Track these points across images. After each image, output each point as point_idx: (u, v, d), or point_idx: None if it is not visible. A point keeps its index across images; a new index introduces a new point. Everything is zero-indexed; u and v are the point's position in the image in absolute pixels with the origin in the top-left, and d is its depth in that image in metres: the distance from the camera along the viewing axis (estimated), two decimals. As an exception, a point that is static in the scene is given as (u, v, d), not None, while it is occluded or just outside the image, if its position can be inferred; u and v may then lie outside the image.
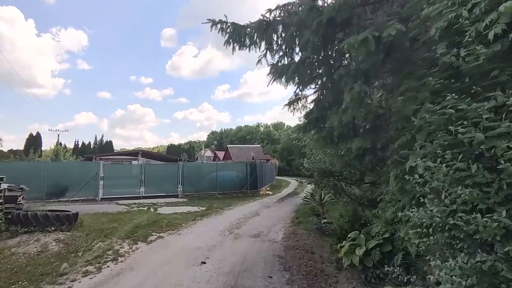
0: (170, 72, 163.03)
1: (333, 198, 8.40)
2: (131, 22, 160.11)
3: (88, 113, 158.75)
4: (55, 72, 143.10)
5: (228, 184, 20.88)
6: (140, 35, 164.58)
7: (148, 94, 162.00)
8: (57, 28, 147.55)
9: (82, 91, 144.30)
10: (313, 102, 4.91)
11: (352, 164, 5.07)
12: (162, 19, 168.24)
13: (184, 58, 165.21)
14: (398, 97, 3.66)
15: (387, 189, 5.03)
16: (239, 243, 8.05)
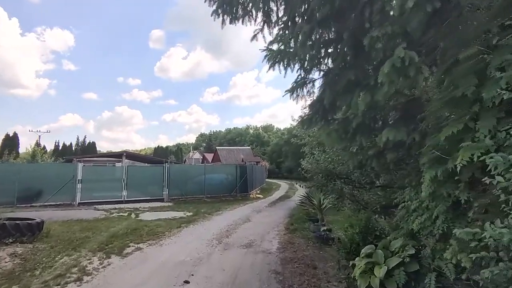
0: (159, 74, 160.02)
1: (335, 203, 7.47)
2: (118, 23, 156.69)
3: (73, 114, 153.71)
4: (40, 73, 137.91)
5: (217, 187, 19.79)
6: (128, 36, 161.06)
7: (136, 96, 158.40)
8: (42, 27, 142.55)
9: (67, 92, 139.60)
10: (321, 88, 3.97)
11: (367, 164, 4.15)
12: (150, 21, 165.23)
13: (173, 60, 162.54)
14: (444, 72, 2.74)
15: (411, 195, 4.13)
16: (229, 256, 7.04)
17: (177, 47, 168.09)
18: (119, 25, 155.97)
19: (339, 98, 3.38)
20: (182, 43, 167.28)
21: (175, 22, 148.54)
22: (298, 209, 14.26)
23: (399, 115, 3.31)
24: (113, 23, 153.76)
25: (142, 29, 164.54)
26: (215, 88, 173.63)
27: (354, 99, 2.99)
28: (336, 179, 5.94)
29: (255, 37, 4.15)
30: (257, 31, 4.14)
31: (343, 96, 3.35)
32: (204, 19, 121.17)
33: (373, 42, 2.38)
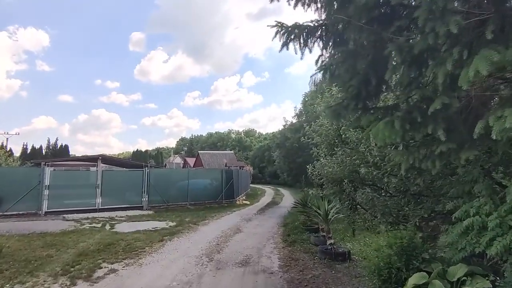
0: (139, 77, 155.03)
1: (347, 214, 6.44)
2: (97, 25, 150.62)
3: (47, 117, 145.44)
4: (11, 73, 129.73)
5: (201, 193, 18.40)
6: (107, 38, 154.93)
7: (115, 99, 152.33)
8: (15, 26, 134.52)
9: (41, 93, 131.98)
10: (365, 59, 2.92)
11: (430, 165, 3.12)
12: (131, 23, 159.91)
13: (154, 63, 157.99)
14: None
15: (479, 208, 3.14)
16: (224, 277, 5.84)
17: (158, 50, 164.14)
18: (98, 27, 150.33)
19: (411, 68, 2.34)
20: (163, 46, 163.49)
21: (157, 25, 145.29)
22: (291, 217, 13.23)
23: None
24: (91, 24, 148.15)
25: (122, 31, 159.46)
26: (197, 92, 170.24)
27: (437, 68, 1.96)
28: (364, 186, 4.91)
29: None
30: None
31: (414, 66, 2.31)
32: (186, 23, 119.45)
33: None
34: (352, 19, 2.67)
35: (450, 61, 2.04)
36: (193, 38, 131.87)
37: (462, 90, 2.12)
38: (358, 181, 4.94)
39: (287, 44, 3.87)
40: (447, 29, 1.99)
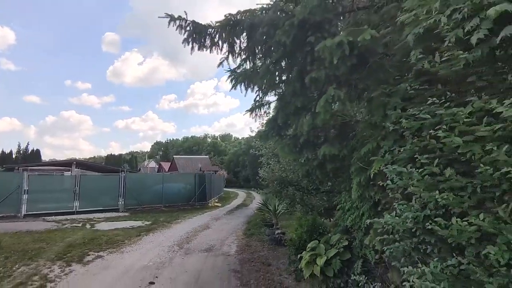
0: (112, 79, 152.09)
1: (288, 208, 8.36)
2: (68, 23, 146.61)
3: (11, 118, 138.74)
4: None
5: (175, 196, 19.78)
6: (78, 37, 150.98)
7: (85, 101, 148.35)
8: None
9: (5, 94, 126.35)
10: (275, 109, 4.79)
11: (313, 173, 5.03)
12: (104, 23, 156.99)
13: (128, 65, 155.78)
14: (366, 103, 3.69)
15: (346, 197, 5.09)
16: (191, 259, 7.49)
17: (132, 52, 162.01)
18: (69, 26, 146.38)
19: (290, 119, 4.21)
20: (138, 48, 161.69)
21: (131, 27, 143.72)
22: (255, 216, 14.99)
23: (336, 134, 4.22)
24: (61, 23, 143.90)
25: (94, 31, 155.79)
26: (173, 95, 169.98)
27: (301, 121, 3.81)
28: (288, 186, 6.81)
29: (221, 63, 4.85)
30: (223, 59, 4.84)
31: (293, 117, 4.18)
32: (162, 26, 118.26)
33: (312, 81, 3.22)
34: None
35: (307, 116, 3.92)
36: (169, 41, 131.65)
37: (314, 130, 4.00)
38: (286, 183, 6.83)
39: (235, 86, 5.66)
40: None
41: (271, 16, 3.55)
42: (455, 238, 2.29)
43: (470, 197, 2.27)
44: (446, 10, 2.19)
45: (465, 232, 2.19)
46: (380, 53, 3.00)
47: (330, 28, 3.43)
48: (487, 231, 2.11)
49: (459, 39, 2.07)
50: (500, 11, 1.74)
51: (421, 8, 2.44)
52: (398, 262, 3.20)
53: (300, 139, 4.22)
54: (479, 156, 2.07)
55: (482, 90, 2.09)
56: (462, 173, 2.35)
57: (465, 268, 2.30)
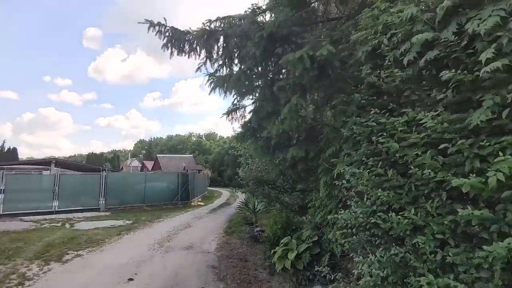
0: (93, 75, 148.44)
1: (266, 206, 8.69)
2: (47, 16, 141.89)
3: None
4: None
5: (157, 195, 19.76)
6: (58, 32, 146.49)
7: (66, 97, 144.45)
8: None
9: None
10: (251, 112, 5.08)
11: (286, 173, 5.35)
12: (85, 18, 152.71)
13: (110, 61, 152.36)
14: (329, 110, 4.04)
15: (316, 196, 5.44)
16: (171, 256, 7.68)
17: (115, 48, 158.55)
18: (48, 19, 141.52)
19: (263, 123, 4.51)
20: (122, 44, 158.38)
21: (115, 22, 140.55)
22: (237, 215, 15.25)
23: (304, 137, 4.56)
24: (40, 16, 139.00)
25: (75, 26, 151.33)
26: (157, 93, 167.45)
27: (271, 125, 4.12)
28: (264, 185, 7.13)
29: (199, 69, 5.09)
30: (201, 64, 5.08)
31: (265, 121, 4.49)
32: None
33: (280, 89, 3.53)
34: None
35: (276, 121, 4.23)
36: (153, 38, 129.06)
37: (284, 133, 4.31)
38: (262, 182, 7.16)
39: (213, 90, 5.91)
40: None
41: (244, 27, 3.84)
42: (395, 230, 2.64)
43: (407, 195, 2.63)
44: (388, 33, 2.53)
45: (401, 224, 2.54)
46: (338, 66, 3.34)
47: (297, 40, 3.73)
48: (418, 223, 2.47)
49: (396, 58, 2.41)
50: (422, 39, 2.08)
51: (370, 29, 2.78)
52: (356, 253, 3.57)
53: (271, 142, 4.53)
54: (412, 159, 2.42)
55: (415, 103, 2.44)
56: (401, 173, 2.70)
57: (403, 256, 2.66)
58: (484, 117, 1.89)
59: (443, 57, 2.11)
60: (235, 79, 4.04)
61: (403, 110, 2.50)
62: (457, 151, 2.10)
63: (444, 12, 2.08)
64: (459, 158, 2.12)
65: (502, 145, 1.86)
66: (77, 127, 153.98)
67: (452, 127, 2.11)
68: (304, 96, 3.55)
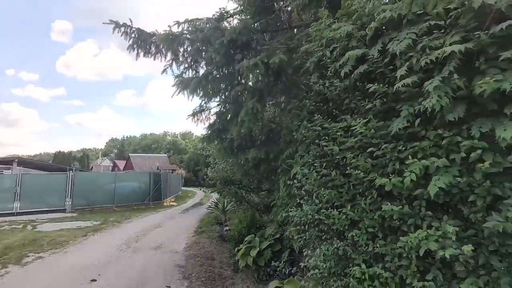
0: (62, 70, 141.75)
1: (235, 206, 8.87)
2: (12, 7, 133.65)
3: None
4: None
5: (128, 196, 19.34)
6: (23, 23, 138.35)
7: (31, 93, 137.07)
8: None
9: None
10: (215, 114, 5.23)
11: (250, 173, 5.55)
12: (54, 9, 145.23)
13: (81, 56, 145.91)
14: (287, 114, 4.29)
15: (278, 195, 5.69)
16: (138, 257, 7.65)
17: (87, 42, 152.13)
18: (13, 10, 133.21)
19: (226, 125, 4.68)
20: (94, 38, 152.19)
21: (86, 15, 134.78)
22: (209, 215, 15.30)
23: (264, 138, 4.79)
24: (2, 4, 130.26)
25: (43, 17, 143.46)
26: (131, 90, 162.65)
27: (233, 128, 4.30)
28: (231, 185, 7.31)
29: (165, 71, 5.17)
30: (167, 66, 5.16)
31: (228, 124, 4.66)
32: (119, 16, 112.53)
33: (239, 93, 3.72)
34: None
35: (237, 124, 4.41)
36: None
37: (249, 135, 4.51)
38: (228, 182, 7.35)
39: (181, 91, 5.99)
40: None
41: (206, 33, 3.98)
42: (336, 225, 2.91)
43: (347, 193, 2.91)
44: (330, 47, 2.79)
45: (341, 220, 2.81)
46: (291, 73, 3.58)
47: (257, 47, 3.94)
48: (354, 219, 2.75)
49: (336, 70, 2.67)
50: (354, 55, 2.34)
51: (318, 41, 3.04)
52: (308, 249, 3.83)
53: (234, 143, 4.71)
54: (350, 161, 2.69)
55: (353, 111, 2.72)
56: (343, 174, 2.98)
57: (344, 249, 2.93)
58: (401, 125, 2.17)
59: (371, 71, 2.39)
60: (196, 83, 4.18)
61: (343, 117, 2.76)
62: (382, 154, 2.38)
63: (373, 32, 2.35)
64: (384, 161, 2.41)
65: (415, 149, 2.16)
66: (44, 124, 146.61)
67: (378, 133, 2.39)
68: (261, 100, 3.76)
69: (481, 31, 1.77)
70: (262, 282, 5.17)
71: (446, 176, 1.95)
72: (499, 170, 1.82)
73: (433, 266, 2.23)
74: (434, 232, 2.08)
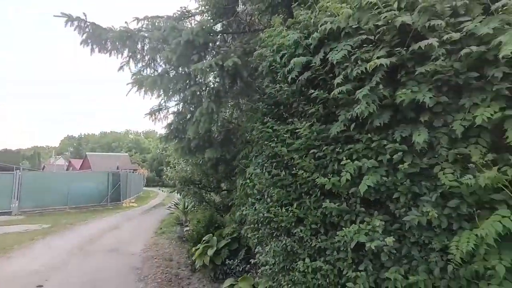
0: None
1: (196, 206, 8.82)
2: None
3: None
4: None
5: (84, 197, 18.29)
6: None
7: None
8: None
9: None
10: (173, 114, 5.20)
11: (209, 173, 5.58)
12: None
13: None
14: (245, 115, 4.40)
15: (236, 194, 5.78)
16: (91, 260, 7.32)
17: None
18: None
19: (184, 124, 4.68)
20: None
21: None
22: (170, 215, 15.00)
23: (222, 138, 4.86)
24: None
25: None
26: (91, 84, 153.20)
27: (190, 127, 4.32)
28: (190, 185, 7.28)
29: (122, 68, 5.03)
30: (124, 63, 5.03)
31: (186, 123, 4.66)
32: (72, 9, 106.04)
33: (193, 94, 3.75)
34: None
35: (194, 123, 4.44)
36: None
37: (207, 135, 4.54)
38: (188, 181, 7.33)
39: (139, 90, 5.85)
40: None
41: (163, 32, 3.96)
42: (284, 223, 3.06)
43: (295, 192, 3.08)
44: (280, 53, 2.94)
45: (288, 217, 2.97)
46: (247, 76, 3.70)
47: (215, 48, 4.00)
48: (300, 216, 2.92)
49: (284, 75, 2.82)
50: (299, 62, 2.50)
51: (270, 47, 3.17)
52: (261, 246, 3.96)
53: (192, 143, 4.72)
54: (296, 162, 2.85)
55: (300, 114, 2.89)
56: (292, 174, 3.14)
57: (291, 245, 3.10)
58: (339, 129, 2.37)
59: (315, 78, 2.57)
60: (152, 82, 4.14)
61: (291, 120, 2.92)
62: (324, 155, 2.57)
63: (316, 42, 2.53)
64: (325, 161, 2.60)
65: (350, 151, 2.36)
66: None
67: (320, 136, 2.58)
68: (218, 101, 3.83)
69: (403, 48, 2.00)
70: (218, 280, 5.23)
71: (374, 175, 2.17)
72: (416, 170, 2.07)
73: (365, 257, 2.45)
74: (365, 226, 2.29)
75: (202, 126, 3.81)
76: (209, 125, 3.91)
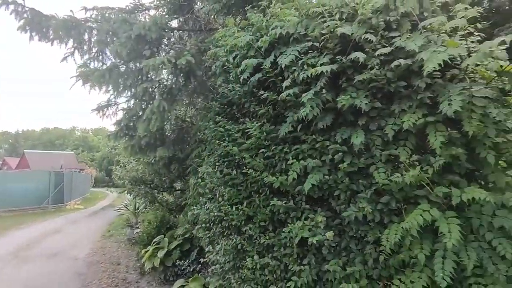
0: None
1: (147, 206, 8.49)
2: None
3: None
4: None
5: (20, 199, 16.58)
6: None
7: None
8: None
9: None
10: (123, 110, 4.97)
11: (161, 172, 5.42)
12: None
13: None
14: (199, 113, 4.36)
15: (189, 194, 5.71)
16: (28, 267, 6.69)
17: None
18: None
19: (134, 122, 4.50)
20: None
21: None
22: (120, 217, 14.24)
23: (175, 137, 4.76)
24: None
25: None
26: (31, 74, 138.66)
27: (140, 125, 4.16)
28: (141, 184, 7.01)
29: (65, 59, 4.67)
30: (68, 54, 4.67)
31: (137, 121, 4.48)
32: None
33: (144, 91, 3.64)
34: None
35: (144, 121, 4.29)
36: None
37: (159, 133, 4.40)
38: (138, 181, 7.07)
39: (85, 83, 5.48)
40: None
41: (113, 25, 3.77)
42: (235, 221, 3.10)
43: (245, 190, 3.13)
44: (233, 53, 2.98)
45: (238, 216, 3.02)
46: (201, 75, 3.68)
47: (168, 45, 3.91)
48: (250, 214, 2.98)
49: (236, 76, 2.86)
50: (250, 64, 2.56)
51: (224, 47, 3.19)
52: (212, 246, 3.96)
53: (142, 141, 4.55)
54: (247, 161, 2.91)
55: (251, 114, 2.95)
56: (243, 173, 3.20)
57: (241, 243, 3.15)
58: (287, 130, 2.48)
59: (266, 80, 2.65)
60: (98, 76, 3.91)
61: (242, 120, 2.98)
62: (272, 155, 2.67)
63: (267, 45, 2.62)
64: (274, 161, 2.70)
65: (297, 151, 2.49)
66: None
67: (269, 136, 2.67)
68: (170, 99, 3.75)
69: (343, 56, 2.17)
70: (169, 282, 5.10)
71: (318, 174, 2.30)
72: (355, 169, 2.25)
73: (309, 252, 2.59)
74: (309, 223, 2.42)
75: (154, 124, 3.70)
76: (161, 123, 3.81)
